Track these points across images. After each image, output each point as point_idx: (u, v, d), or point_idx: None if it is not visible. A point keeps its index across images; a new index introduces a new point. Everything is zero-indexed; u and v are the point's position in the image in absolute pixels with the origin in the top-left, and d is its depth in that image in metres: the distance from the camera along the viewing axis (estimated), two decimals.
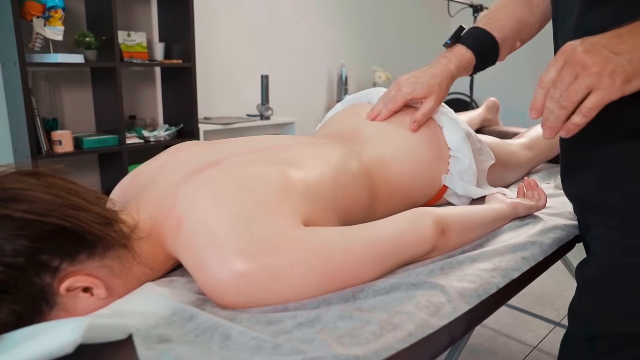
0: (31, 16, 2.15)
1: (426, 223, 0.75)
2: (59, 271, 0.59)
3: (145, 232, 0.68)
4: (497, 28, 1.02)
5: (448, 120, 1.07)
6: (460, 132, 1.04)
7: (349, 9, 3.91)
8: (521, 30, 1.03)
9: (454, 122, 1.06)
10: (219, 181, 0.69)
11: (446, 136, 1.05)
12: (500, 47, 1.03)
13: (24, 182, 0.60)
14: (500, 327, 1.98)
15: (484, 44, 1.02)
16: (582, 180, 0.75)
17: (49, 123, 2.38)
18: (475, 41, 1.02)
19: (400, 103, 1.04)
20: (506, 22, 1.02)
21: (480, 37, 1.02)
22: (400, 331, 0.57)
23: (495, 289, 0.72)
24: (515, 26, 1.02)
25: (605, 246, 0.73)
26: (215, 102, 3.19)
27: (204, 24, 3.01)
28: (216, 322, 0.57)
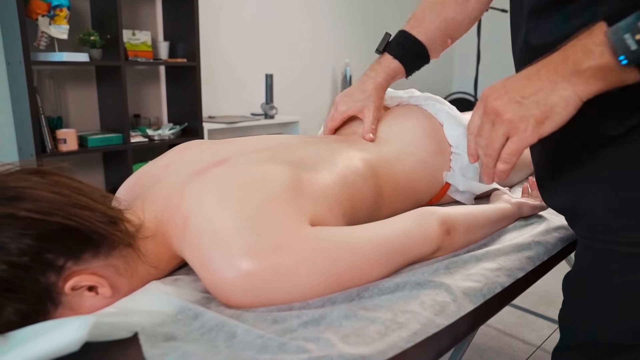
0: (36, 15, 2.16)
1: (432, 223, 0.74)
2: (64, 270, 0.59)
3: (150, 231, 0.69)
4: (422, 31, 1.04)
5: (448, 117, 1.07)
6: (460, 128, 1.05)
7: (353, 9, 3.91)
8: (449, 29, 1.05)
9: (454, 118, 1.07)
10: (225, 180, 0.69)
11: (447, 133, 1.05)
12: (428, 48, 1.05)
13: (29, 181, 0.60)
14: (504, 326, 1.98)
15: (410, 49, 1.05)
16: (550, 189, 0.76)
17: (53, 121, 2.39)
18: (402, 48, 1.05)
19: (338, 121, 1.08)
20: (432, 23, 1.04)
21: (406, 43, 1.05)
22: (406, 330, 0.57)
23: (500, 288, 0.72)
24: (442, 25, 1.04)
25: (579, 252, 0.71)
26: (220, 101, 3.19)
27: (209, 23, 3.01)
28: (222, 321, 0.57)
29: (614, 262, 0.64)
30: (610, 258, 0.65)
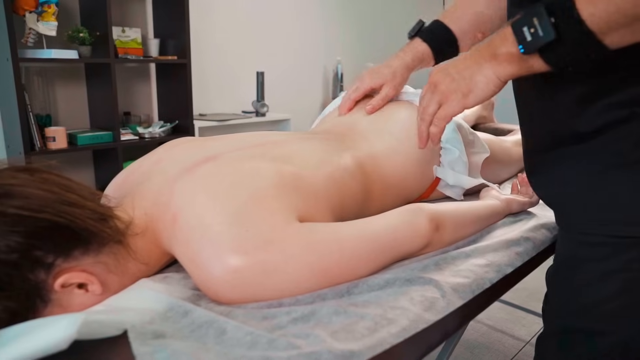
0: (24, 11, 2.13)
1: (421, 219, 0.75)
2: (53, 267, 0.59)
3: (140, 228, 0.68)
4: (454, 21, 1.06)
5: None
6: (450, 124, 1.05)
7: (344, 6, 3.91)
8: (480, 23, 1.06)
9: None
10: (214, 177, 0.69)
11: None
12: (458, 39, 1.07)
13: (18, 178, 0.59)
14: (494, 322, 1.99)
15: (440, 36, 1.07)
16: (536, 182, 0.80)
17: (42, 119, 2.37)
18: (432, 34, 1.07)
19: (361, 93, 1.10)
20: (464, 15, 1.06)
21: (436, 30, 1.07)
22: (395, 326, 0.57)
23: (488, 284, 0.72)
24: (473, 19, 1.06)
25: (560, 242, 0.76)
26: (211, 99, 3.18)
27: (199, 20, 3.00)
28: (211, 318, 0.57)
29: (588, 252, 0.69)
30: (585, 248, 0.69)
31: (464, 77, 0.70)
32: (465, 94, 0.70)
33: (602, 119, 0.64)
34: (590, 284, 0.69)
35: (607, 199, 0.66)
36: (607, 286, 0.67)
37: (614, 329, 0.68)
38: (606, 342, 0.68)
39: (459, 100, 0.71)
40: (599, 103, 0.64)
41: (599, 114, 0.64)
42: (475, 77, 0.68)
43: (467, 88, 0.69)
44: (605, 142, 0.65)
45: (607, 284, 0.67)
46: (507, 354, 1.77)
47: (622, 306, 0.67)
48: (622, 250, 0.66)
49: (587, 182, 0.68)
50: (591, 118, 0.65)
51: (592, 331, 0.69)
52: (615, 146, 0.64)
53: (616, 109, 0.63)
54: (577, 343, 0.71)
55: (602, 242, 0.67)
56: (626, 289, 0.66)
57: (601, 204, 0.67)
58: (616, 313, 0.67)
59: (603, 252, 0.67)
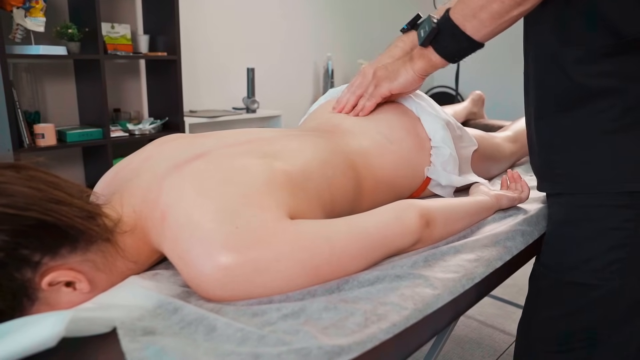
0: (11, 7, 2.11)
1: (411, 215, 0.75)
2: (40, 266, 0.58)
3: (129, 226, 0.68)
4: None
5: (425, 110, 1.08)
6: (439, 121, 1.06)
7: (335, 2, 3.90)
8: None
9: (431, 112, 1.08)
10: (204, 174, 0.69)
11: (425, 127, 1.06)
12: None
13: (4, 176, 0.59)
14: (485, 318, 2.01)
15: None
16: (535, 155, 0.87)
17: (31, 116, 2.35)
18: None
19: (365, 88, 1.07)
20: None
21: None
22: (385, 322, 0.57)
23: (478, 278, 0.73)
24: None
25: (556, 209, 0.84)
26: (201, 95, 3.17)
27: (189, 16, 2.98)
28: (201, 315, 0.57)
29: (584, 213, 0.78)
30: (581, 210, 0.78)
31: (393, 70, 0.99)
32: (392, 80, 0.99)
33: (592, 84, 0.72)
34: (586, 242, 0.77)
35: (603, 160, 0.74)
36: (603, 243, 0.75)
37: (603, 282, 0.76)
38: (596, 294, 0.77)
39: (387, 84, 0.99)
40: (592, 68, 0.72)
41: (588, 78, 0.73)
42: (400, 70, 0.97)
43: (394, 77, 0.98)
44: (598, 109, 0.73)
45: (602, 241, 0.75)
46: (498, 349, 1.79)
47: (613, 261, 0.75)
48: (617, 210, 0.74)
49: (582, 145, 0.76)
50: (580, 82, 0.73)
51: (582, 283, 0.78)
52: (609, 113, 0.72)
53: (605, 76, 0.71)
54: (567, 296, 0.79)
55: (599, 203, 0.75)
56: (620, 245, 0.74)
57: (597, 164, 0.75)
58: (607, 267, 0.75)
59: (600, 212, 0.76)
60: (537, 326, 0.85)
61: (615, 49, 0.69)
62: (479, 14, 0.77)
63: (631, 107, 0.71)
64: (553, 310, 0.82)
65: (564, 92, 0.76)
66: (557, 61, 0.75)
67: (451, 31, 0.82)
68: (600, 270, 0.76)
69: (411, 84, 0.97)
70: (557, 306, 0.81)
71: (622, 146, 0.72)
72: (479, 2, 0.76)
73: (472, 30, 0.80)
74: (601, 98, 0.72)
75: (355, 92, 1.07)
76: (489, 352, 1.77)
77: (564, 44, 0.74)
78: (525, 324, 0.88)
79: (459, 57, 0.87)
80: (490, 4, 0.75)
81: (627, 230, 0.74)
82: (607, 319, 0.77)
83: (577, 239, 0.79)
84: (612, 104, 0.71)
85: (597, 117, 0.73)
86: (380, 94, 1.00)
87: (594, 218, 0.76)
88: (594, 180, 0.75)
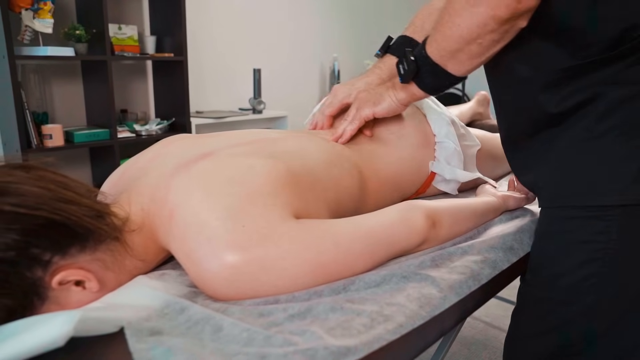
0: (20, 8, 2.13)
1: (417, 216, 0.75)
2: (51, 265, 0.59)
3: (137, 225, 0.68)
4: (417, 31, 1.05)
5: (431, 107, 1.09)
6: (444, 118, 1.06)
7: (341, 3, 3.90)
8: None
9: (437, 109, 1.08)
10: (211, 173, 0.69)
11: (431, 123, 1.06)
12: None
13: (14, 176, 0.59)
14: (492, 319, 2.00)
15: None
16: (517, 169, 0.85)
17: (39, 117, 2.36)
18: (401, 48, 1.05)
19: (336, 108, 1.07)
20: (424, 24, 1.04)
21: (404, 44, 1.05)
22: (391, 322, 0.57)
23: (485, 280, 0.72)
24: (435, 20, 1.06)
25: (540, 220, 0.81)
26: (207, 96, 3.17)
27: (196, 17, 2.99)
28: (208, 315, 0.57)
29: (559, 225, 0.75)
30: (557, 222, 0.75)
31: (376, 93, 0.96)
32: (376, 104, 0.95)
33: (568, 102, 0.69)
34: (559, 255, 0.74)
35: (576, 172, 0.71)
36: (574, 257, 0.72)
37: (578, 298, 0.72)
38: (569, 311, 0.73)
39: (371, 108, 0.96)
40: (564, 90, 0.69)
41: (565, 99, 0.70)
42: (383, 95, 0.95)
43: (378, 101, 0.95)
44: (573, 121, 0.70)
45: (574, 255, 0.72)
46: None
47: (586, 276, 0.71)
48: (588, 222, 0.70)
49: (557, 158, 0.73)
50: (558, 103, 0.70)
51: (558, 301, 0.74)
52: (582, 123, 0.69)
53: (580, 92, 0.68)
54: (544, 312, 0.76)
55: (571, 215, 0.72)
56: (592, 260, 0.70)
57: (570, 177, 0.72)
58: (580, 283, 0.72)
59: (572, 224, 0.72)
60: (519, 343, 0.82)
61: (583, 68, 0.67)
62: (458, 56, 0.74)
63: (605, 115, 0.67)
64: (532, 327, 0.79)
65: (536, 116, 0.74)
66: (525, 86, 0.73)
67: (432, 69, 0.80)
68: (575, 286, 0.72)
69: (393, 110, 0.95)
70: (535, 323, 0.78)
71: (593, 157, 0.69)
72: (456, 45, 0.73)
73: (453, 69, 0.78)
74: (573, 114, 0.70)
75: (324, 112, 1.07)
76: (495, 353, 1.76)
77: (531, 70, 0.72)
78: (509, 340, 0.86)
79: (441, 90, 0.86)
80: (468, 47, 0.72)
81: (599, 243, 0.70)
82: (586, 335, 0.73)
83: (552, 253, 0.76)
84: (586, 114, 0.69)
85: (570, 130, 0.71)
86: (364, 116, 0.96)
87: (567, 231, 0.73)
88: (567, 193, 0.73)
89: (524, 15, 0.67)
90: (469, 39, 0.71)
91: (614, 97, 0.66)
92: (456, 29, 0.71)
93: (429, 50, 0.78)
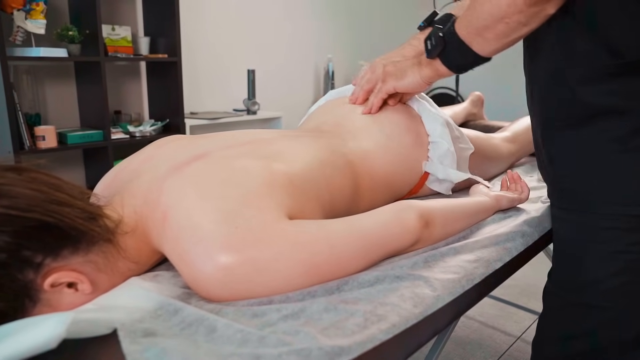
0: (11, 9, 2.11)
1: (410, 216, 0.75)
2: (42, 267, 0.58)
3: (130, 227, 0.68)
4: None
5: (426, 108, 1.09)
6: (438, 118, 1.06)
7: (336, 4, 3.91)
8: None
9: (431, 110, 1.08)
10: (204, 175, 0.69)
11: (425, 123, 1.07)
12: None
13: (5, 178, 0.59)
14: (486, 319, 2.01)
15: None
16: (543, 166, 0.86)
17: (31, 118, 2.35)
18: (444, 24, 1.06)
19: (374, 83, 1.07)
20: None
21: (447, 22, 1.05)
22: (385, 322, 0.57)
23: (478, 279, 0.73)
24: None
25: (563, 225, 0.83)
26: (202, 97, 3.17)
27: (190, 17, 2.98)
28: (201, 316, 0.57)
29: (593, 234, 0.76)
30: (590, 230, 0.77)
31: (400, 69, 0.99)
32: (399, 79, 0.99)
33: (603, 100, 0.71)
34: (593, 264, 0.76)
35: (611, 181, 0.73)
36: (610, 266, 0.74)
37: (612, 305, 0.75)
38: (603, 316, 0.76)
39: (393, 82, 1.00)
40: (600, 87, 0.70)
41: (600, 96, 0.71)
42: (407, 71, 0.97)
43: (401, 76, 0.98)
44: (605, 128, 0.71)
45: (610, 264, 0.74)
46: (499, 350, 1.79)
47: (621, 284, 0.74)
48: (624, 233, 0.73)
49: (589, 165, 0.75)
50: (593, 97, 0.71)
51: (591, 305, 0.77)
52: (616, 133, 0.71)
53: (611, 95, 0.70)
54: (577, 317, 0.78)
55: (605, 225, 0.74)
56: (627, 269, 0.73)
57: (606, 186, 0.73)
58: (616, 290, 0.74)
59: (607, 235, 0.74)
60: (548, 345, 0.84)
61: (619, 69, 0.68)
62: (485, 34, 0.76)
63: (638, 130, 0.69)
64: (563, 330, 0.81)
65: (570, 110, 0.74)
66: (561, 80, 0.74)
67: (458, 46, 0.81)
68: (608, 293, 0.75)
69: (416, 87, 0.97)
70: (566, 326, 0.80)
71: (628, 168, 0.71)
72: (484, 22, 0.74)
73: (478, 47, 0.79)
74: (608, 117, 0.71)
75: (363, 87, 1.08)
76: (490, 353, 1.77)
77: (568, 63, 0.72)
78: (538, 342, 0.87)
79: (465, 69, 0.87)
80: (495, 25, 0.73)
81: (634, 254, 0.73)
82: (618, 342, 0.76)
83: (584, 260, 0.77)
84: (620, 124, 0.70)
85: (604, 136, 0.72)
86: (386, 89, 1.00)
87: (601, 240, 0.75)
88: (599, 201, 0.74)
89: (553, 2, 0.68)
90: (497, 16, 0.72)
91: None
92: (487, 6, 0.73)
93: (458, 27, 0.81)
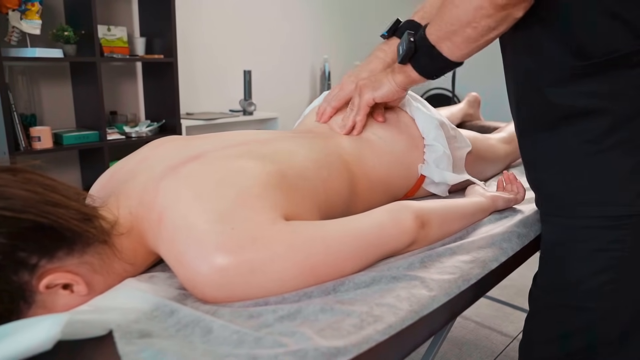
0: (6, 9, 2.11)
1: (406, 216, 0.75)
2: (38, 268, 0.58)
3: (125, 228, 0.68)
4: (426, 17, 1.04)
5: (419, 111, 1.09)
6: (432, 120, 1.06)
7: (332, 4, 3.91)
8: None
9: (425, 112, 1.08)
10: (200, 175, 0.69)
11: (419, 126, 1.07)
12: None
13: (0, 179, 0.59)
14: (482, 319, 2.01)
15: None
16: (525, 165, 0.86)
17: (27, 119, 2.34)
18: None
19: (342, 101, 1.06)
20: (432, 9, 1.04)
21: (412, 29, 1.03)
22: (381, 323, 0.57)
23: (474, 280, 0.73)
24: None
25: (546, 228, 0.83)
26: (198, 98, 3.16)
27: (186, 18, 2.98)
28: (197, 317, 0.57)
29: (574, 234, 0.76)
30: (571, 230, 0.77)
31: (375, 79, 0.98)
32: (376, 89, 0.97)
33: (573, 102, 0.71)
34: (575, 263, 0.76)
35: (588, 182, 0.73)
36: (591, 264, 0.74)
37: (595, 305, 0.75)
38: (589, 315, 0.76)
39: (370, 93, 0.98)
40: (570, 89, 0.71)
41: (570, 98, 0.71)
42: (382, 80, 0.96)
43: (377, 86, 0.97)
44: (578, 130, 0.72)
45: (591, 263, 0.74)
46: (495, 350, 1.79)
47: (603, 283, 0.74)
48: (604, 231, 0.73)
49: (564, 168, 0.75)
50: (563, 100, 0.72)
51: (576, 306, 0.77)
52: (589, 134, 0.71)
53: (582, 97, 0.70)
54: (563, 318, 0.78)
55: (585, 225, 0.74)
56: (608, 267, 0.73)
57: (583, 187, 0.74)
58: (598, 289, 0.74)
59: (587, 234, 0.75)
60: (537, 348, 0.84)
61: (587, 69, 0.68)
62: (453, 38, 0.76)
63: (614, 129, 0.69)
64: (550, 332, 0.81)
65: (543, 113, 0.75)
66: (533, 82, 0.74)
67: (428, 51, 0.81)
68: (592, 292, 0.75)
69: (394, 94, 0.96)
70: (553, 328, 0.80)
71: (604, 168, 0.71)
72: (452, 26, 0.75)
73: (448, 52, 0.79)
74: (580, 119, 0.71)
75: (331, 104, 1.07)
76: (486, 353, 1.77)
77: (538, 66, 0.73)
78: (525, 344, 0.87)
79: (437, 75, 0.87)
80: (463, 29, 0.73)
81: (614, 251, 0.73)
82: (605, 340, 0.75)
83: (567, 261, 0.78)
84: (593, 125, 0.70)
85: (578, 138, 0.72)
86: (365, 102, 0.98)
87: (581, 240, 0.75)
88: (577, 202, 0.74)
89: (521, 5, 0.68)
90: (465, 21, 0.72)
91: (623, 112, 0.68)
92: (454, 10, 0.73)
93: (428, 31, 0.81)
